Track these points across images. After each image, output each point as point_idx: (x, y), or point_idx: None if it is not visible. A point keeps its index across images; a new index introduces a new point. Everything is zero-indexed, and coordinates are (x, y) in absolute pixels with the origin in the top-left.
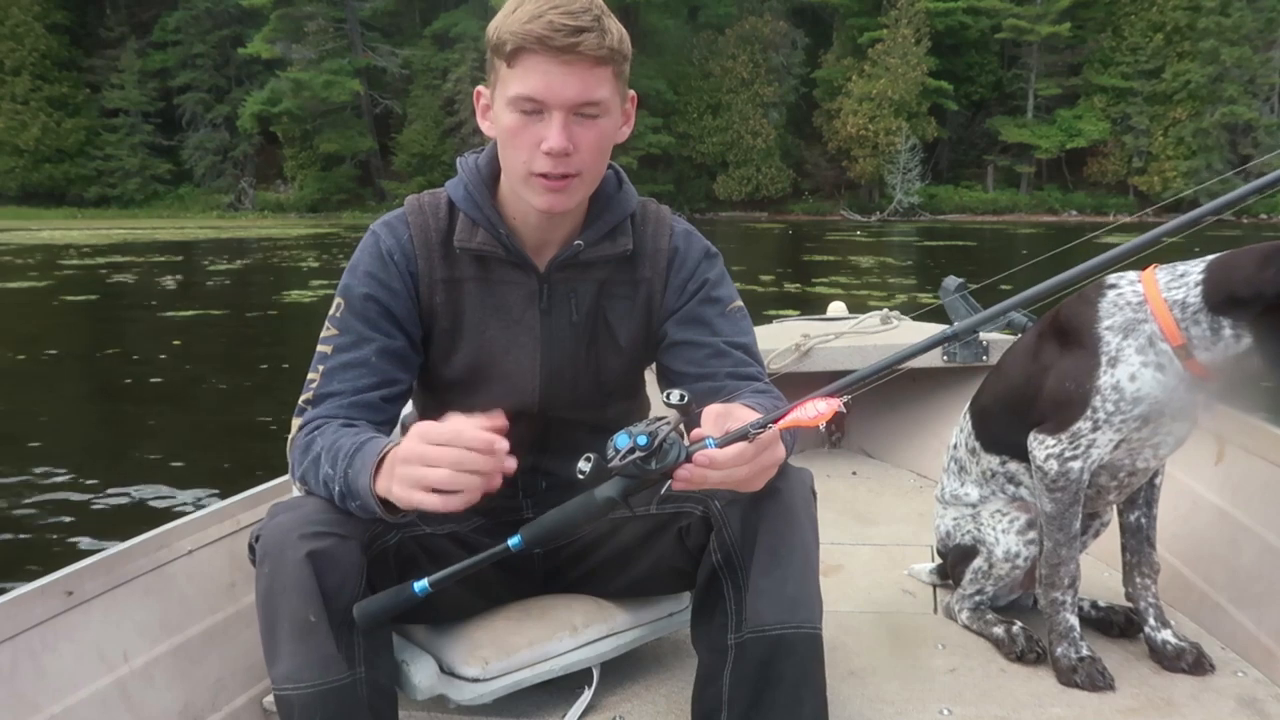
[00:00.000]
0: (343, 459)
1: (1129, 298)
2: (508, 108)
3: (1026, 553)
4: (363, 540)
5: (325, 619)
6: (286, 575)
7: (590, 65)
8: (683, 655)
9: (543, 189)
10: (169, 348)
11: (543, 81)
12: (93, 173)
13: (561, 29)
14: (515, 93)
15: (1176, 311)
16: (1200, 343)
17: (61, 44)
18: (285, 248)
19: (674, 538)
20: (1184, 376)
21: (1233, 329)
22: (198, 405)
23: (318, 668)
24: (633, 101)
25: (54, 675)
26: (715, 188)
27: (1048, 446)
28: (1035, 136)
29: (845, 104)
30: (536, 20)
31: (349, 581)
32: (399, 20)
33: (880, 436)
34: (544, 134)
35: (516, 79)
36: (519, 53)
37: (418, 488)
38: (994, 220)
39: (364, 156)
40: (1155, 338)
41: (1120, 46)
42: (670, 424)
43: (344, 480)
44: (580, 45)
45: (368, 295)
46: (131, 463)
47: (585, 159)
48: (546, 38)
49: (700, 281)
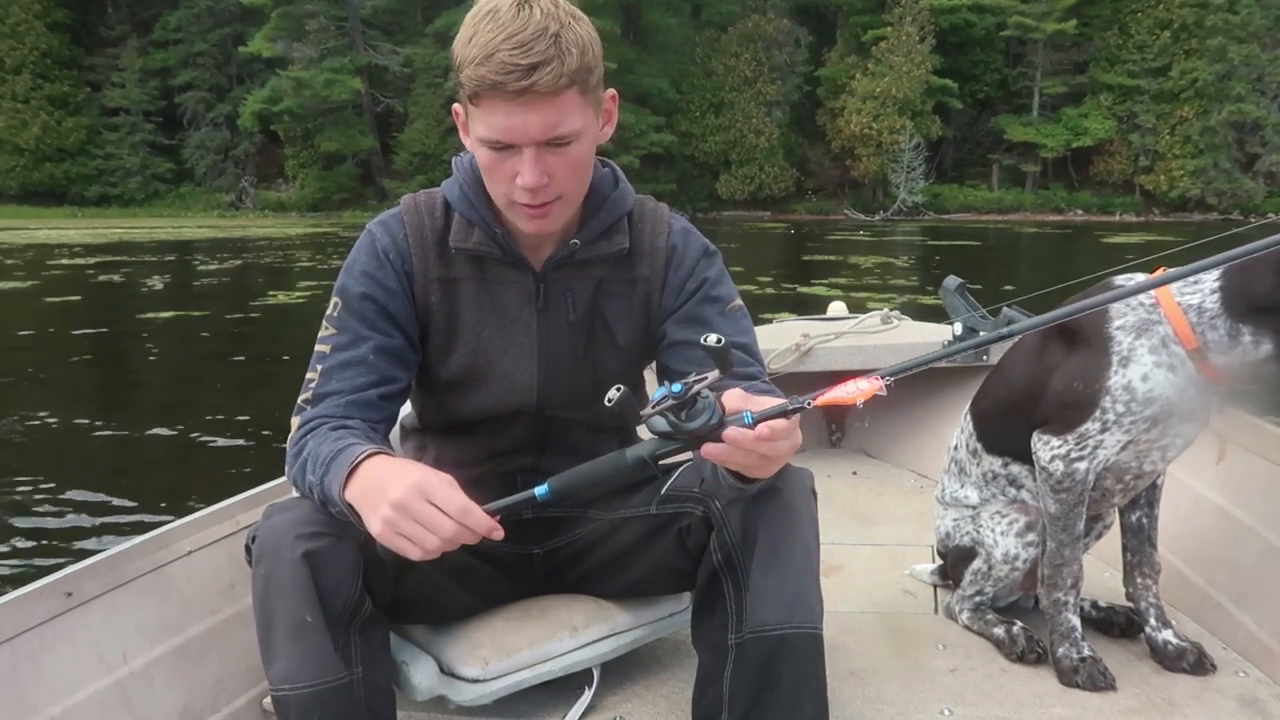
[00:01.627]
0: (320, 466)
1: (1140, 299)
2: (479, 145)
3: (1026, 555)
4: (359, 540)
5: (322, 619)
6: (283, 576)
7: (550, 98)
8: (683, 656)
9: (527, 216)
10: (139, 350)
11: (505, 124)
12: (93, 172)
13: (514, 70)
14: (482, 135)
15: (1192, 315)
16: (1216, 347)
17: (62, 42)
18: (280, 248)
19: (674, 538)
20: (1195, 379)
21: (1253, 335)
22: (158, 410)
23: (315, 668)
24: (612, 99)
25: (53, 676)
26: (718, 187)
27: (1053, 447)
28: (1040, 135)
29: (849, 102)
30: (489, 61)
31: (345, 582)
32: (400, 18)
33: (880, 436)
34: (517, 168)
35: (481, 120)
36: (478, 96)
37: (401, 538)
38: (999, 220)
39: (365, 155)
40: (1169, 340)
41: (1127, 44)
42: (706, 382)
43: (321, 487)
44: (536, 85)
45: (364, 294)
46: (83, 468)
47: (563, 184)
48: (500, 83)
49: (700, 280)
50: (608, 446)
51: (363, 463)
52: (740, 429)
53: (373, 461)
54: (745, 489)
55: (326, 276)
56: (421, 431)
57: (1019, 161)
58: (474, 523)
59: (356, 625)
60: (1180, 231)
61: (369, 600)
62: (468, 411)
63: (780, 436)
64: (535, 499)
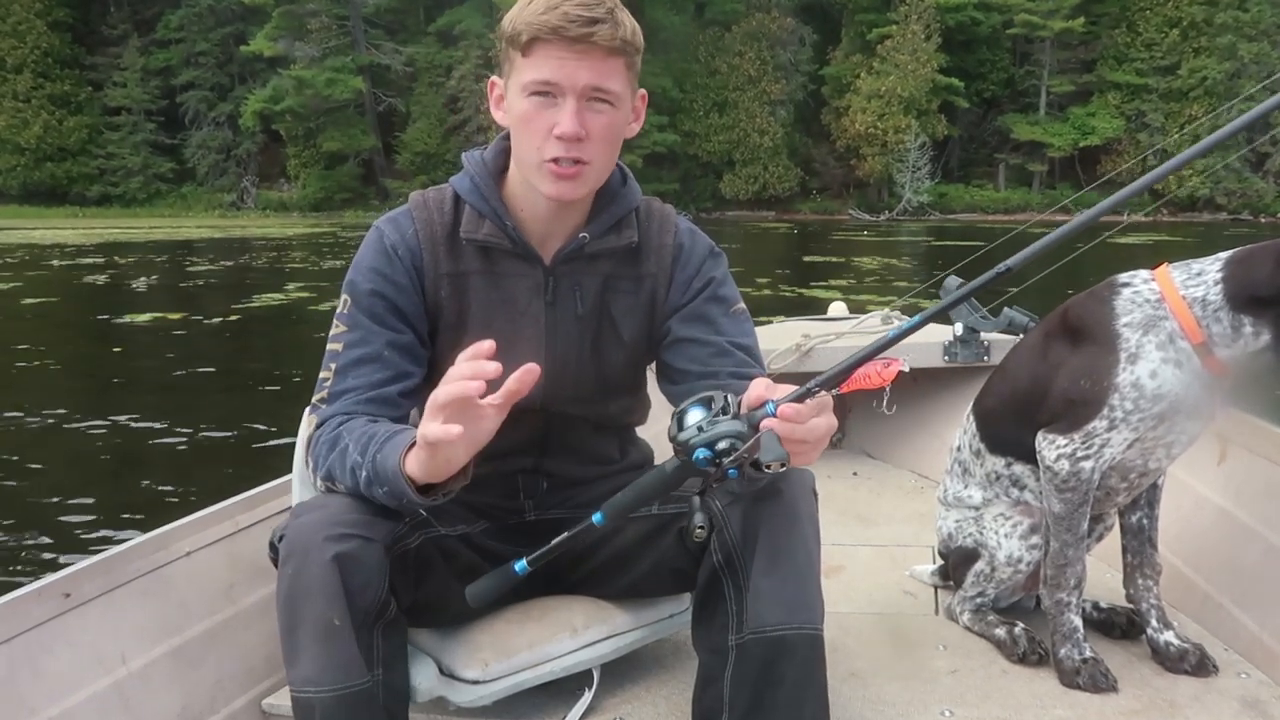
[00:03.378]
0: (374, 445)
1: (1146, 295)
2: (521, 94)
3: (1029, 557)
4: (386, 542)
5: (349, 622)
6: (311, 577)
7: (603, 55)
8: (683, 656)
9: (554, 176)
10: (105, 355)
11: (557, 66)
12: (95, 171)
13: (576, 19)
14: (529, 78)
15: (1197, 309)
16: (1221, 340)
17: (64, 41)
18: (276, 248)
19: (675, 538)
20: (1201, 374)
21: (1253, 326)
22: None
23: (340, 671)
24: (642, 99)
25: (52, 678)
26: (722, 187)
27: (1059, 446)
28: (1048, 134)
29: (854, 101)
30: (552, 11)
31: (373, 583)
32: (402, 17)
33: (881, 437)
34: (557, 118)
35: (531, 67)
36: (534, 42)
37: (431, 419)
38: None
39: (367, 155)
40: (1175, 335)
41: (1135, 42)
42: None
43: (372, 464)
44: (595, 35)
45: (374, 291)
46: (34, 477)
47: (595, 147)
48: (561, 27)
49: (706, 279)
50: (608, 446)
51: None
52: (771, 419)
53: None
54: (760, 478)
55: (315, 278)
56: None
57: (1026, 161)
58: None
59: (380, 627)
60: (1189, 231)
61: (394, 602)
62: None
63: (807, 416)
64: (594, 525)
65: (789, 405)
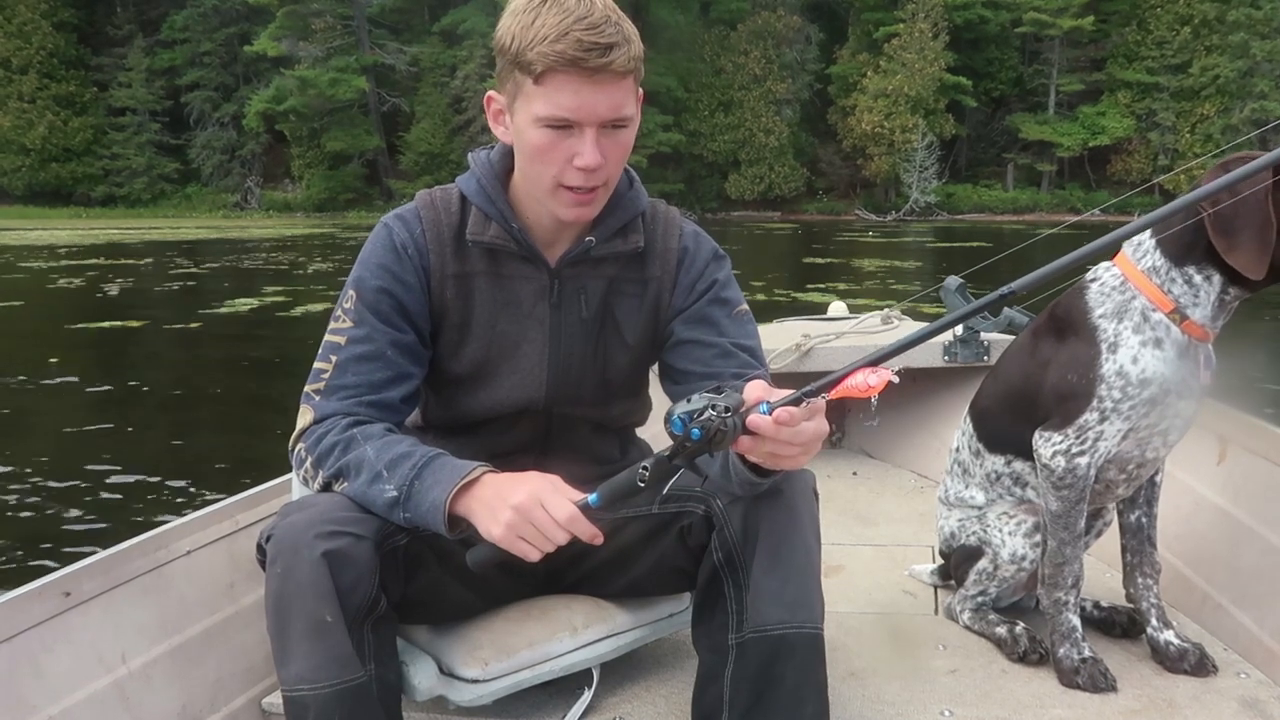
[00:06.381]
0: (411, 469)
1: (1111, 282)
2: (535, 125)
3: (1033, 555)
4: (376, 539)
5: (341, 618)
6: (301, 575)
7: (619, 80)
8: (683, 656)
9: (572, 202)
10: (39, 364)
11: (575, 101)
12: (99, 172)
13: (593, 49)
14: (546, 113)
15: (1155, 278)
16: (1187, 300)
17: (69, 42)
18: (272, 249)
19: (675, 537)
20: (1182, 343)
21: (1200, 273)
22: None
23: (334, 667)
24: (641, 97)
25: (52, 676)
26: (727, 187)
27: (1054, 443)
28: (1057, 134)
29: (860, 100)
30: (564, 39)
31: (363, 580)
32: (407, 17)
33: (881, 437)
34: (576, 149)
35: (544, 98)
36: (548, 73)
37: (522, 541)
38: (1014, 220)
39: (371, 155)
40: (1147, 310)
41: (1146, 40)
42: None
43: (408, 491)
44: (612, 64)
45: (381, 288)
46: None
47: (612, 169)
48: (580, 59)
49: (709, 282)
50: (609, 447)
51: (480, 477)
52: (760, 416)
53: (490, 476)
54: (760, 483)
55: (297, 282)
56: (423, 430)
57: (1034, 161)
58: (581, 530)
59: (370, 623)
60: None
61: (384, 598)
62: (475, 408)
63: (814, 414)
64: (590, 504)
65: (784, 409)
